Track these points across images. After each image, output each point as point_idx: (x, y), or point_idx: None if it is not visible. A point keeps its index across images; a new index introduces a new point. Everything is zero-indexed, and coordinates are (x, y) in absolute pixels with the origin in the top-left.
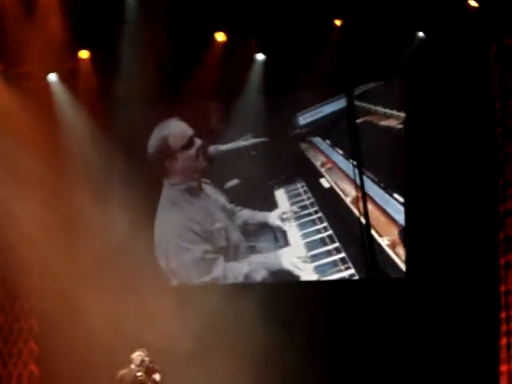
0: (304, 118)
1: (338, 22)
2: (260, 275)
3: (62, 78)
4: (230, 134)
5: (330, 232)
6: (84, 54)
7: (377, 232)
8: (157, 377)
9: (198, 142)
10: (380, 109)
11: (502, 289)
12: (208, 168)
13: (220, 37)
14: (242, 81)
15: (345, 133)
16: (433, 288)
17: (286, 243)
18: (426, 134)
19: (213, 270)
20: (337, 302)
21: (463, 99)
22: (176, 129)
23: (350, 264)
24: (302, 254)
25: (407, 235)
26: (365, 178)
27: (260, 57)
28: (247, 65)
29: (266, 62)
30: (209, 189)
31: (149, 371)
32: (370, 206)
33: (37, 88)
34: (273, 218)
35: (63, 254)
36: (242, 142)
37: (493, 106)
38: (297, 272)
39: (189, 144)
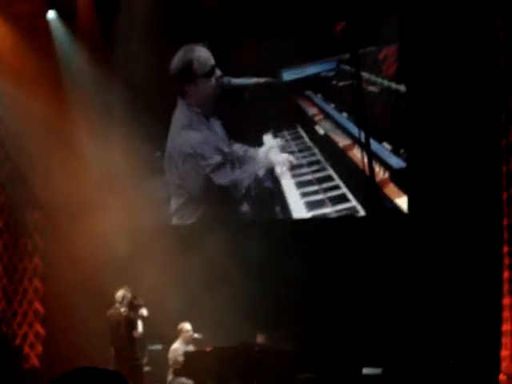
0: (288, 75)
1: None
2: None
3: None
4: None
5: (322, 174)
6: None
7: None
8: (144, 312)
9: (218, 72)
10: (366, 74)
11: (505, 249)
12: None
13: None
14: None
15: (336, 90)
16: (433, 227)
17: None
18: (424, 92)
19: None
20: (335, 238)
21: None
22: (202, 55)
23: (346, 200)
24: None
25: (408, 175)
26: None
27: None
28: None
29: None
30: (214, 118)
31: (133, 307)
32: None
33: (36, 26)
34: (262, 153)
35: (65, 190)
36: (253, 79)
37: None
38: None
39: (211, 72)
